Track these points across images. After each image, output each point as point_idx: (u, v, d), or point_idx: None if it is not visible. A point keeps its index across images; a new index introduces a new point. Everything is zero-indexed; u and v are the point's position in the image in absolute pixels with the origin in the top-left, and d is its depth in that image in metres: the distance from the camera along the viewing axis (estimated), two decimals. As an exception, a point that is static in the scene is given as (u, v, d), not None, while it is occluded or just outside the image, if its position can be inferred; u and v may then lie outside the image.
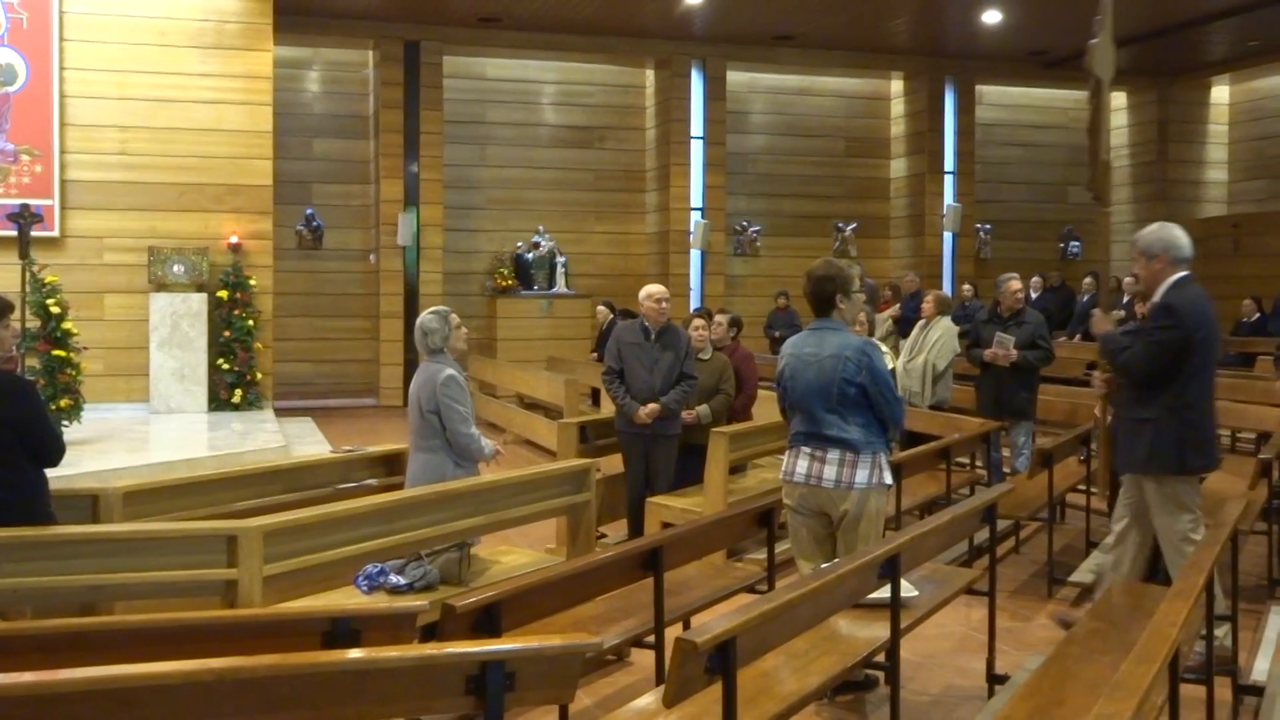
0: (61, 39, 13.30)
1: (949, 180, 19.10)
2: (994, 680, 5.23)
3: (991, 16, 15.91)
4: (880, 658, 4.41)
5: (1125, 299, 13.96)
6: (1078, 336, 14.78)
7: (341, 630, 3.41)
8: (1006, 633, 5.97)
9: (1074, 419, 9.19)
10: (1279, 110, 19.59)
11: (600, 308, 14.65)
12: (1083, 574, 7.10)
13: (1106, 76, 6.05)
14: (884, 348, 8.87)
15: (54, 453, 4.71)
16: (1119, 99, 20.54)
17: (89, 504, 5.17)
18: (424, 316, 5.90)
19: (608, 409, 8.42)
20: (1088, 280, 15.69)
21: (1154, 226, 5.55)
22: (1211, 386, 5.50)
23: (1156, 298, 5.43)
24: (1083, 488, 8.07)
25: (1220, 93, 20.53)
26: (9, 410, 4.54)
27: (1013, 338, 8.81)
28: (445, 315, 5.90)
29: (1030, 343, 8.81)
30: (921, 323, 9.64)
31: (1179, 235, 5.44)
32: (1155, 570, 6.56)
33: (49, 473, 4.75)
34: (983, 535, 6.34)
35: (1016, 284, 9.08)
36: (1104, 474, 6.34)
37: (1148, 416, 5.38)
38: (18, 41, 13.18)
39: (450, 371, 5.77)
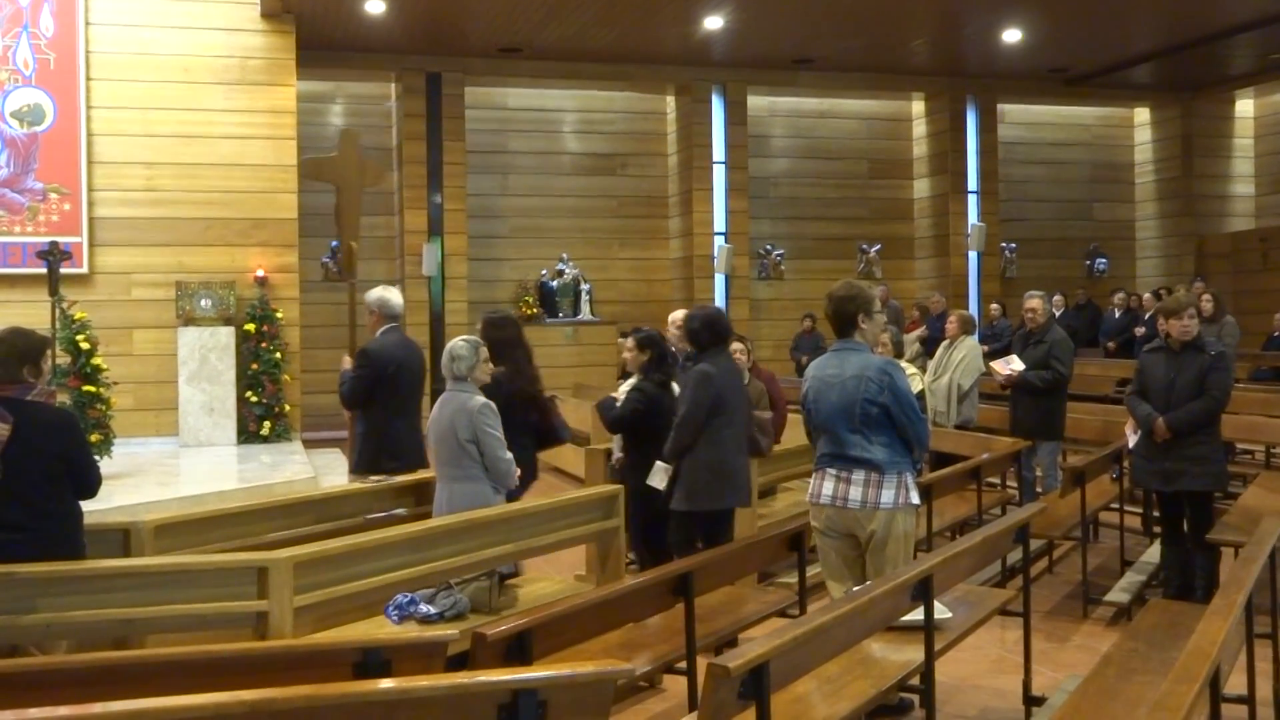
0: (88, 78, 13.46)
1: (973, 200, 18.98)
2: (1031, 702, 5.18)
3: (1011, 35, 15.88)
4: (915, 680, 4.37)
5: (1148, 315, 13.92)
6: (1111, 344, 14.75)
7: (372, 660, 3.40)
8: (1042, 654, 5.90)
9: (1106, 437, 9.11)
10: (1304, 123, 19.49)
11: (620, 339, 14.63)
12: (1118, 594, 7.04)
13: (345, 184, 8.21)
14: (913, 369, 8.87)
15: (96, 483, 4.80)
16: (1143, 114, 20.47)
17: (120, 538, 5.19)
18: (456, 342, 5.93)
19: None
20: (1118, 297, 15.61)
21: (378, 289, 7.09)
22: (405, 407, 6.96)
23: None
24: (1116, 506, 7.99)
25: (1245, 106, 20.39)
26: (59, 443, 4.64)
27: (1013, 357, 8.78)
28: (476, 346, 5.93)
29: (1043, 363, 8.69)
30: (946, 343, 9.58)
31: (391, 297, 7.00)
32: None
33: (83, 505, 4.80)
34: (1016, 555, 6.30)
35: (1031, 302, 8.97)
36: None
37: (360, 431, 6.96)
38: (45, 82, 13.35)
39: (483, 399, 5.79)
